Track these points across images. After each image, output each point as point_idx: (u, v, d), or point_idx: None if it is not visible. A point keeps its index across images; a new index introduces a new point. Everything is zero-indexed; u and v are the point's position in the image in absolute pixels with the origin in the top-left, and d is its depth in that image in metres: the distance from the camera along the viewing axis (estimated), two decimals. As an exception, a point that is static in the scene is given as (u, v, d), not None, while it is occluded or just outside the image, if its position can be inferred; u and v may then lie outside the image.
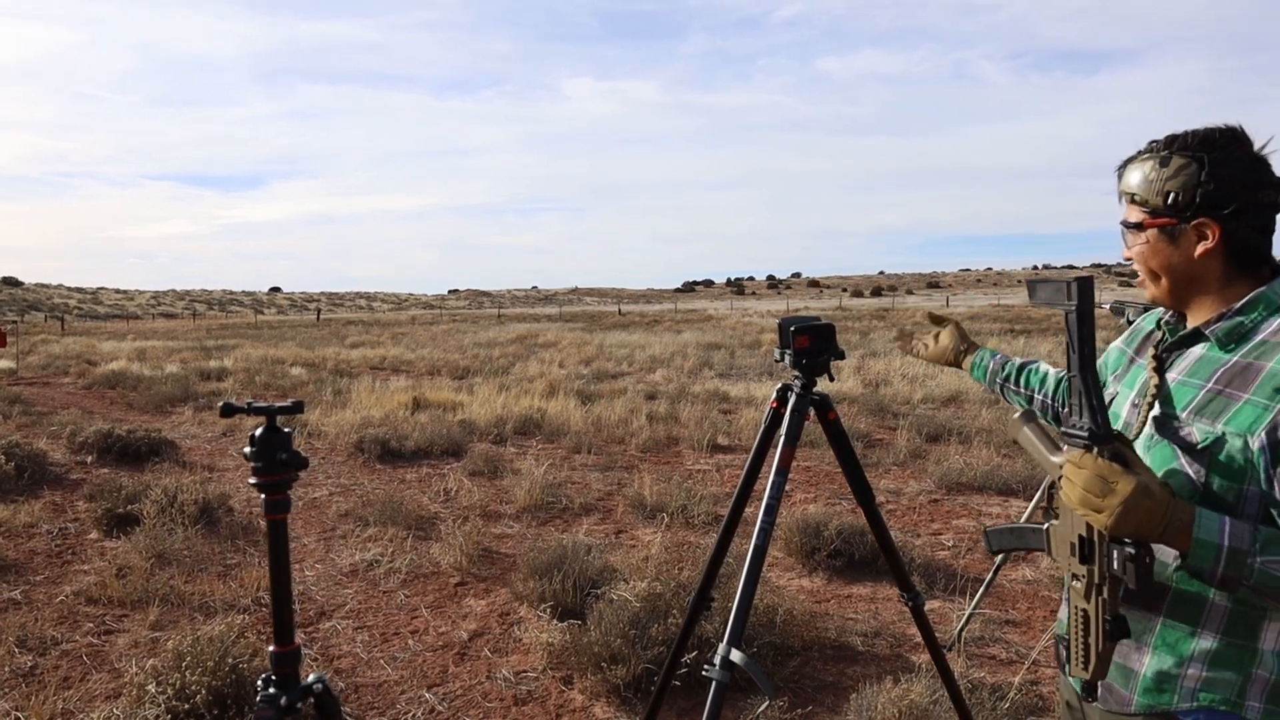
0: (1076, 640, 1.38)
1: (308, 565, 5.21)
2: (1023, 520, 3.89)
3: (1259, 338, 1.39)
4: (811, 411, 2.17)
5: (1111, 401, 1.60)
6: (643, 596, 3.76)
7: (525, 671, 3.78)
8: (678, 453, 8.46)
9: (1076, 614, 1.38)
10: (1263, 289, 1.42)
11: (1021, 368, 1.97)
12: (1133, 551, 1.31)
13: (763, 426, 2.16)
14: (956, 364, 2.08)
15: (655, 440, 8.77)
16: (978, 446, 7.97)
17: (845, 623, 4.22)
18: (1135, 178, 1.47)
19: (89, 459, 8.00)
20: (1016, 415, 1.54)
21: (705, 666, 1.92)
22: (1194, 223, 1.41)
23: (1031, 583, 4.70)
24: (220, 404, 1.35)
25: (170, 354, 21.01)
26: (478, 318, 50.76)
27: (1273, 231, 1.43)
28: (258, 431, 1.33)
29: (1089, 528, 1.36)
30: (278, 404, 1.31)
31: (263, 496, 1.33)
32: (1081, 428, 1.37)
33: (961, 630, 3.96)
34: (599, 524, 6.05)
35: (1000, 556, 3.89)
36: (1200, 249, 1.42)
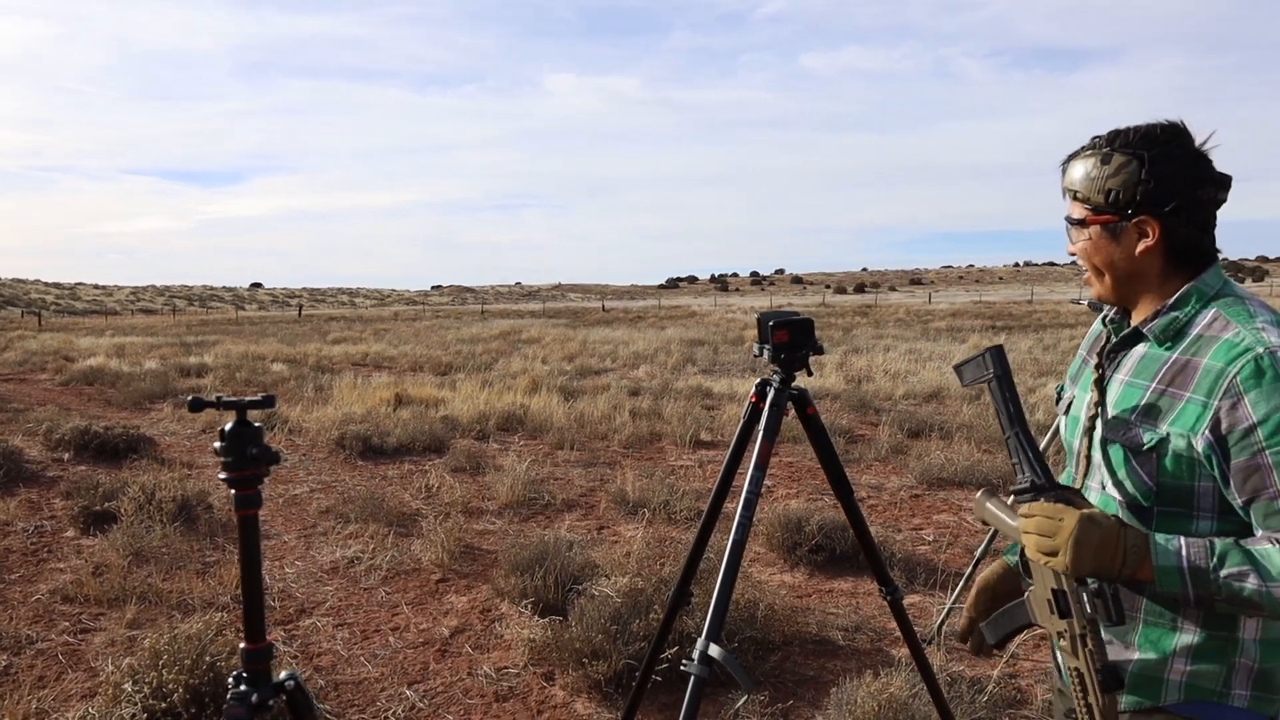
0: (1079, 702, 1.38)
1: (288, 562, 5.18)
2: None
3: (1194, 332, 1.40)
4: (791, 407, 2.17)
5: (1070, 405, 1.61)
6: (624, 592, 3.76)
7: (507, 668, 3.77)
8: (660, 448, 8.46)
9: (1072, 675, 1.39)
10: (1193, 283, 1.42)
11: None
12: (1096, 586, 1.35)
13: (742, 421, 2.16)
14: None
15: (638, 436, 8.77)
16: (959, 442, 8.02)
17: (826, 617, 4.23)
18: (1078, 174, 1.47)
19: (66, 456, 7.92)
20: (979, 494, 1.60)
21: (684, 662, 1.92)
22: (1135, 220, 1.42)
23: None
24: (189, 399, 1.33)
25: (149, 350, 20.81)
26: (461, 314, 50.60)
27: (1213, 228, 1.43)
28: (228, 426, 1.32)
29: (1059, 579, 1.39)
30: (248, 398, 1.30)
31: (233, 492, 1.31)
32: (1025, 481, 1.45)
33: (941, 624, 3.98)
34: (581, 520, 6.05)
35: (980, 550, 3.91)
36: (1141, 246, 1.43)
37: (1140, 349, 1.47)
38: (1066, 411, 1.62)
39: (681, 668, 1.92)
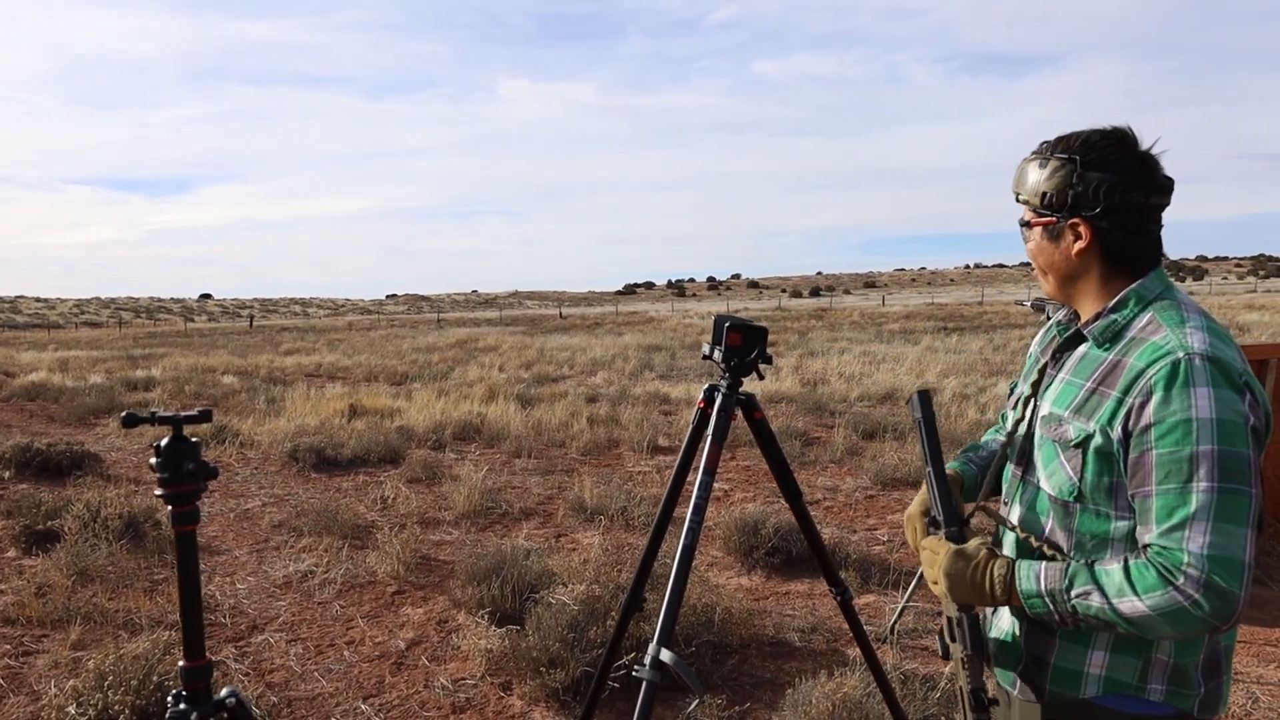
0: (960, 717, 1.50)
1: (240, 578, 5.08)
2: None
3: (1130, 335, 1.44)
4: (739, 412, 2.19)
5: (1019, 402, 1.65)
6: (581, 599, 3.75)
7: (464, 679, 3.74)
8: (618, 455, 8.46)
9: (959, 694, 1.51)
10: (1134, 286, 1.46)
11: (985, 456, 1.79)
12: (957, 614, 1.48)
13: (691, 427, 2.17)
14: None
15: (596, 443, 8.76)
16: (912, 442, 8.13)
17: (783, 619, 4.27)
18: (1021, 178, 1.53)
19: (6, 474, 7.68)
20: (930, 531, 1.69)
21: (635, 668, 1.92)
22: (1069, 222, 1.47)
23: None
24: (124, 414, 1.30)
25: (94, 364, 20.31)
26: (416, 322, 50.12)
27: (1152, 232, 1.47)
28: (164, 442, 1.29)
29: (947, 606, 1.52)
30: (184, 413, 1.28)
31: (169, 509, 1.29)
32: (930, 516, 1.61)
33: (894, 623, 4.03)
34: (539, 528, 6.02)
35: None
36: (1076, 248, 1.47)
37: (1082, 349, 1.52)
38: (1015, 408, 1.65)
39: (633, 673, 1.93)
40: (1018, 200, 1.55)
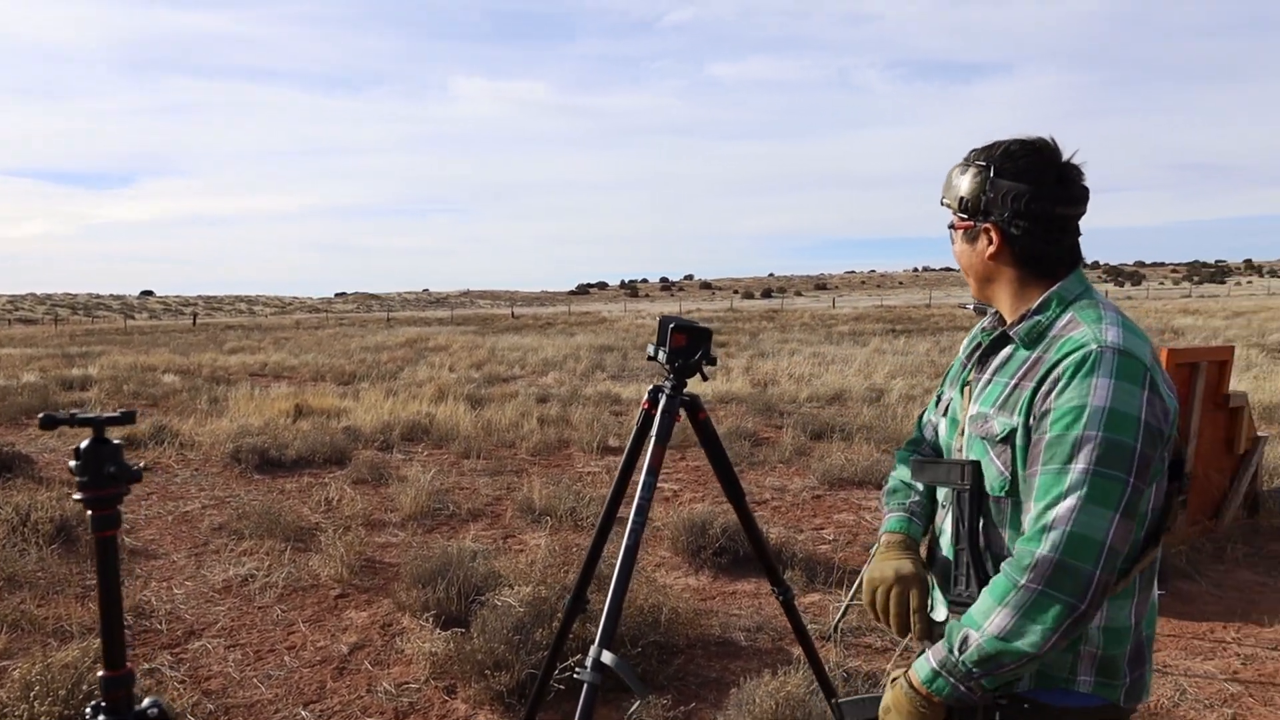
0: None
1: (177, 583, 4.96)
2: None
3: (1052, 334, 1.49)
4: (683, 412, 2.19)
5: (948, 408, 1.68)
6: (527, 601, 3.73)
7: (407, 683, 3.69)
8: (568, 455, 8.44)
9: None
10: (1054, 288, 1.52)
11: (912, 494, 1.76)
12: None
13: (635, 428, 2.17)
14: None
15: (546, 443, 8.73)
16: (859, 443, 8.24)
17: (729, 619, 4.29)
18: (947, 183, 1.59)
19: (-69, 477, 7.40)
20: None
21: (577, 669, 1.91)
22: (982, 226, 1.53)
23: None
24: (41, 415, 1.26)
25: (28, 362, 19.65)
26: (366, 321, 49.43)
27: (1065, 240, 1.52)
28: (84, 444, 1.25)
29: None
30: (105, 414, 1.24)
31: (89, 513, 1.25)
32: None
33: (839, 622, 4.08)
34: (487, 529, 5.98)
35: (875, 547, 4.03)
36: (988, 251, 1.54)
37: (1008, 350, 1.56)
38: (945, 414, 1.68)
39: (574, 675, 1.92)
40: (943, 204, 1.61)
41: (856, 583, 4.14)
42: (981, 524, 1.53)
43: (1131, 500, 1.34)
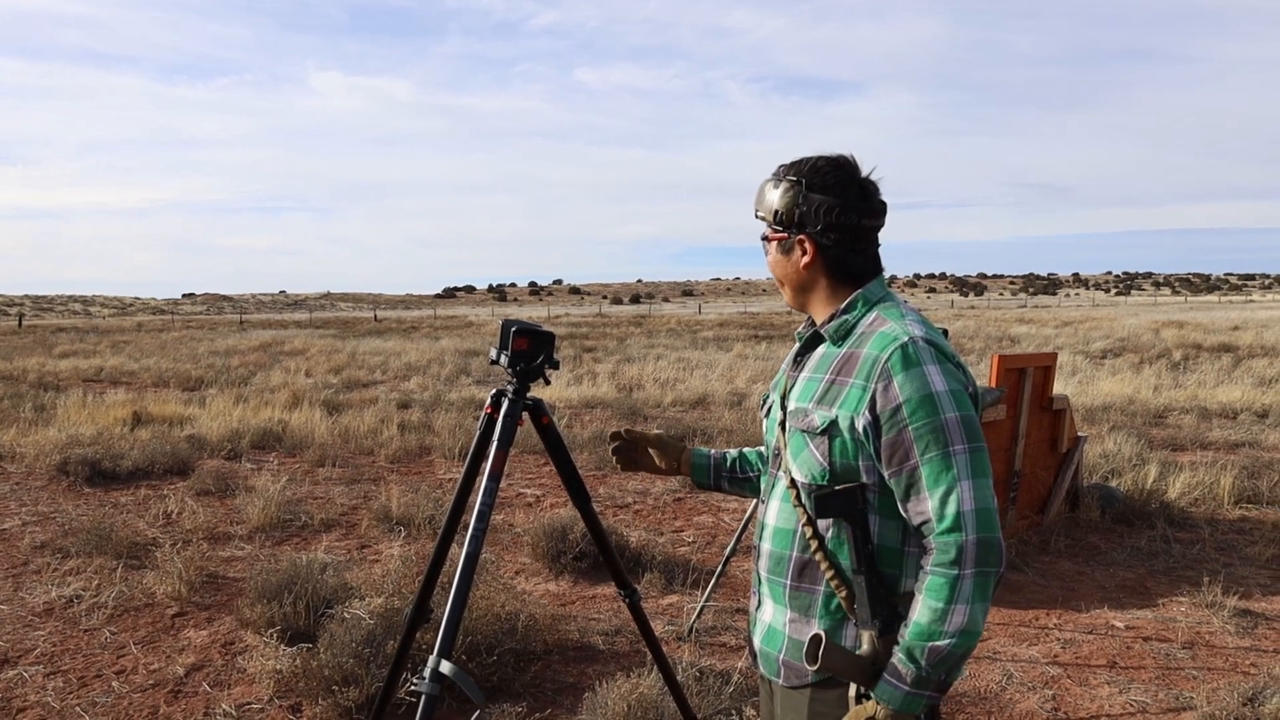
0: None
1: (-11, 607, 4.56)
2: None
3: (860, 330, 1.60)
4: (526, 417, 2.18)
5: (770, 409, 1.76)
6: (378, 613, 3.63)
7: (249, 704, 3.52)
8: (430, 462, 8.26)
9: None
10: (860, 291, 1.63)
11: (739, 455, 2.00)
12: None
13: (478, 432, 2.15)
14: (680, 471, 2.03)
15: (406, 450, 8.52)
16: (721, 445, 8.43)
17: (588, 623, 4.30)
18: (760, 197, 1.67)
19: None
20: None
21: (414, 680, 1.88)
22: (797, 238, 1.62)
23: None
24: None
25: None
26: (216, 324, 46.85)
27: (869, 249, 1.64)
28: None
29: None
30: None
31: None
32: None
33: (694, 622, 4.16)
34: (340, 540, 5.78)
35: (729, 548, 4.13)
36: (803, 261, 1.63)
37: (820, 350, 1.67)
38: (768, 415, 1.76)
39: (412, 687, 1.88)
40: (756, 217, 1.68)
41: (712, 583, 4.23)
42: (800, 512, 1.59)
43: (987, 460, 1.49)
